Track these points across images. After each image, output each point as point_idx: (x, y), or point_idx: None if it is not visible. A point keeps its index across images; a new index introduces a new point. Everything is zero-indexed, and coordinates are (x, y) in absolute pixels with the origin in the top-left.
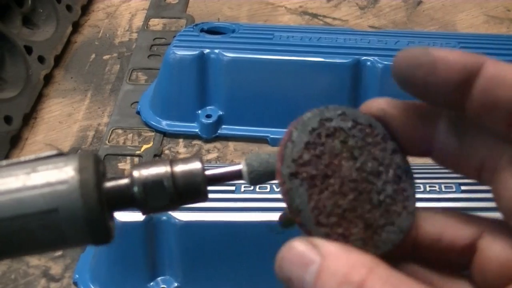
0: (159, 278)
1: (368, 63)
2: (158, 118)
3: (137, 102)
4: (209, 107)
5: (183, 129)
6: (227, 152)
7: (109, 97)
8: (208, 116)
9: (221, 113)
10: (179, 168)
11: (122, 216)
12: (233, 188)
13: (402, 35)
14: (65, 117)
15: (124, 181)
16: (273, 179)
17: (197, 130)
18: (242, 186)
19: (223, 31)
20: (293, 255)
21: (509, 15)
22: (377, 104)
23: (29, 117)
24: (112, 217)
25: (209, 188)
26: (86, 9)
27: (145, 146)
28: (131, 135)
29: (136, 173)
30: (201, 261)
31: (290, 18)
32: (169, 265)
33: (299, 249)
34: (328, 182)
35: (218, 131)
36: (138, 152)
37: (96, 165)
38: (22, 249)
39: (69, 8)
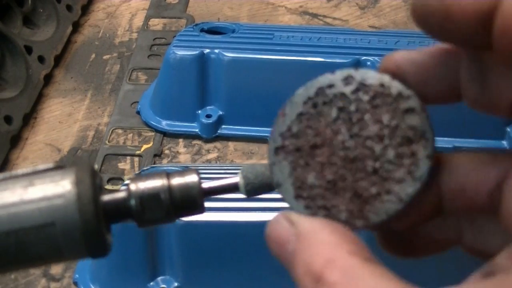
0: (159, 278)
1: (368, 63)
2: (158, 118)
3: (137, 102)
4: (209, 107)
5: (183, 129)
6: (227, 152)
7: (109, 97)
8: (208, 116)
9: (221, 113)
10: (176, 181)
11: None
12: None
13: (402, 35)
14: (65, 117)
15: (121, 194)
16: (270, 191)
17: (197, 130)
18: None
19: (223, 31)
20: (273, 232)
21: None
22: (392, 61)
23: (29, 117)
24: (109, 230)
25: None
26: (86, 9)
27: (145, 146)
28: (131, 135)
29: (133, 186)
30: (201, 261)
31: (290, 18)
32: (169, 265)
33: (278, 227)
34: (315, 152)
35: (218, 131)
36: (138, 152)
37: (93, 178)
38: (18, 263)
39: (69, 8)
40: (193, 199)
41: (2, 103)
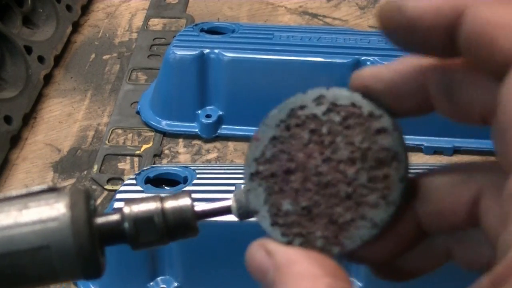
0: (159, 278)
1: (368, 63)
2: (158, 118)
3: (137, 102)
4: (209, 107)
5: (183, 129)
6: (227, 152)
7: (109, 97)
8: (208, 116)
9: (221, 113)
10: (169, 204)
11: None
12: (233, 188)
13: None
14: (65, 117)
15: (115, 217)
16: None
17: (197, 130)
18: (242, 186)
19: (223, 31)
20: (252, 262)
21: None
22: (360, 78)
23: (29, 117)
24: (103, 252)
25: (206, 181)
26: (86, 9)
27: (145, 146)
28: (131, 135)
29: (126, 209)
30: (201, 261)
31: (290, 18)
32: (169, 265)
33: (256, 257)
34: (289, 178)
35: (218, 131)
36: (138, 152)
37: (87, 201)
38: (12, 285)
39: (69, 8)
40: (187, 222)
41: (1, 103)
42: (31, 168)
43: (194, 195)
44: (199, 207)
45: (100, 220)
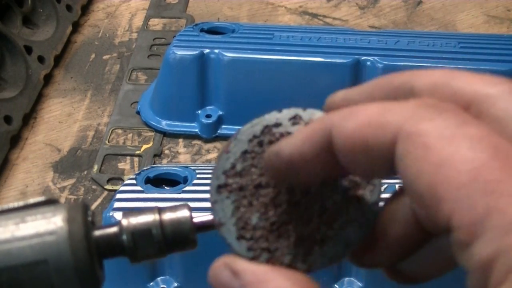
0: (159, 278)
1: (368, 63)
2: (158, 118)
3: (137, 102)
4: (209, 107)
5: (183, 129)
6: None
7: (109, 97)
8: (208, 116)
9: (221, 113)
10: (167, 216)
11: (121, 216)
12: None
13: (402, 35)
14: (65, 117)
15: (113, 229)
16: None
17: (197, 130)
18: None
19: (223, 31)
20: (218, 284)
21: (509, 15)
22: (332, 102)
23: (29, 117)
24: (101, 266)
25: (206, 181)
26: (86, 9)
27: (145, 146)
28: (131, 135)
29: (124, 222)
30: (201, 261)
31: (290, 18)
32: (169, 265)
33: (221, 278)
34: (260, 193)
35: (218, 131)
36: (138, 152)
37: (85, 214)
38: None
39: (69, 8)
40: (185, 235)
41: (2, 103)
42: (31, 168)
43: (194, 195)
44: (198, 219)
45: (97, 233)
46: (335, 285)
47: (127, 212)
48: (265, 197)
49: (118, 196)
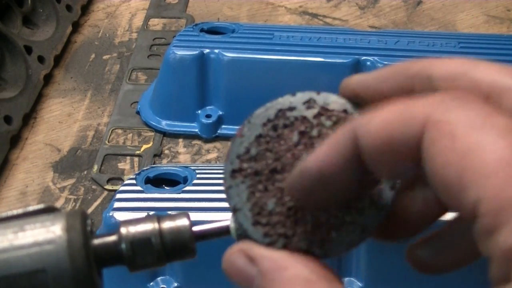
0: (159, 278)
1: (368, 63)
2: (158, 118)
3: (137, 102)
4: (209, 107)
5: (183, 129)
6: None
7: (109, 97)
8: (208, 116)
9: (221, 113)
10: (167, 225)
11: (122, 216)
12: None
13: (402, 35)
14: (65, 117)
15: (112, 238)
16: None
17: (197, 130)
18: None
19: (223, 31)
20: (234, 270)
21: (510, 15)
22: (348, 86)
23: (29, 117)
24: (100, 274)
25: (206, 181)
26: (86, 9)
27: (145, 146)
28: (131, 135)
29: (123, 230)
30: (201, 261)
31: (290, 18)
32: (169, 265)
33: (238, 265)
34: (275, 177)
35: (218, 131)
36: (138, 152)
37: (84, 223)
38: None
39: (69, 8)
40: (185, 243)
41: (2, 103)
42: (31, 168)
43: (194, 195)
44: (197, 227)
45: (96, 241)
46: None
47: (126, 220)
48: (281, 182)
49: (118, 196)
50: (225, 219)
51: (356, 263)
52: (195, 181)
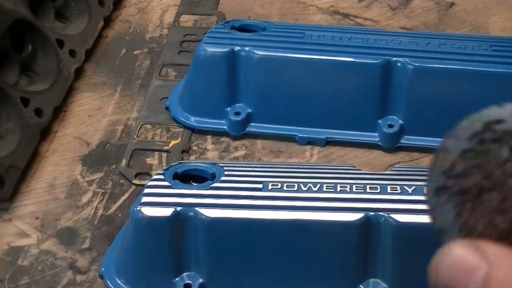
0: (184, 274)
1: (399, 64)
2: (187, 114)
3: (166, 97)
4: (238, 104)
5: (212, 125)
6: (255, 150)
7: (139, 92)
8: (237, 114)
9: (250, 110)
10: None
11: (149, 211)
12: (260, 186)
13: (433, 36)
14: (94, 111)
15: None
16: None
17: (225, 127)
18: (270, 184)
19: (253, 28)
20: (453, 260)
21: None
22: None
23: (59, 110)
24: None
25: (234, 178)
26: (118, 4)
27: (173, 142)
28: (159, 130)
29: None
30: (226, 258)
31: (321, 17)
32: (195, 261)
33: (461, 254)
34: (485, 197)
35: (247, 129)
36: (166, 147)
37: None
38: None
39: (101, 3)
40: None
41: (33, 95)
42: (60, 161)
43: (222, 192)
44: None
45: None
46: (360, 286)
47: None
48: (491, 201)
49: (146, 191)
50: None
51: (382, 264)
52: (223, 178)
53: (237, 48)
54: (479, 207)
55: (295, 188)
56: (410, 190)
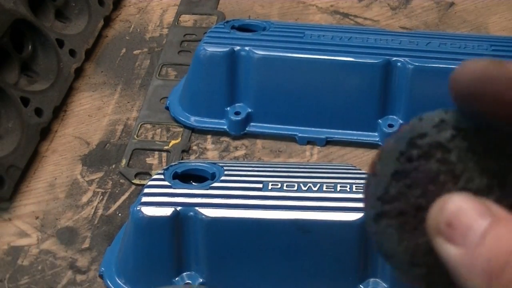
0: (184, 274)
1: (399, 63)
2: (187, 114)
3: (166, 97)
4: (238, 104)
5: (212, 125)
6: (255, 149)
7: (139, 91)
8: (237, 113)
9: (250, 110)
10: None
11: (149, 210)
12: (260, 186)
13: (433, 36)
14: (94, 110)
15: None
16: None
17: (225, 127)
18: (270, 184)
19: (254, 28)
20: (459, 206)
21: None
22: (463, 84)
23: (59, 110)
24: None
25: (234, 178)
26: (118, 3)
27: (173, 142)
28: (159, 130)
29: None
30: (227, 257)
31: (321, 17)
32: (195, 261)
33: (467, 205)
34: (422, 214)
35: (247, 128)
36: (166, 147)
37: None
38: None
39: (101, 2)
40: None
41: (33, 95)
42: (60, 161)
43: (222, 191)
44: None
45: None
46: (360, 286)
47: None
48: None
49: (146, 190)
50: None
51: (382, 264)
52: (223, 178)
53: (237, 48)
54: (419, 225)
55: (295, 188)
56: None
